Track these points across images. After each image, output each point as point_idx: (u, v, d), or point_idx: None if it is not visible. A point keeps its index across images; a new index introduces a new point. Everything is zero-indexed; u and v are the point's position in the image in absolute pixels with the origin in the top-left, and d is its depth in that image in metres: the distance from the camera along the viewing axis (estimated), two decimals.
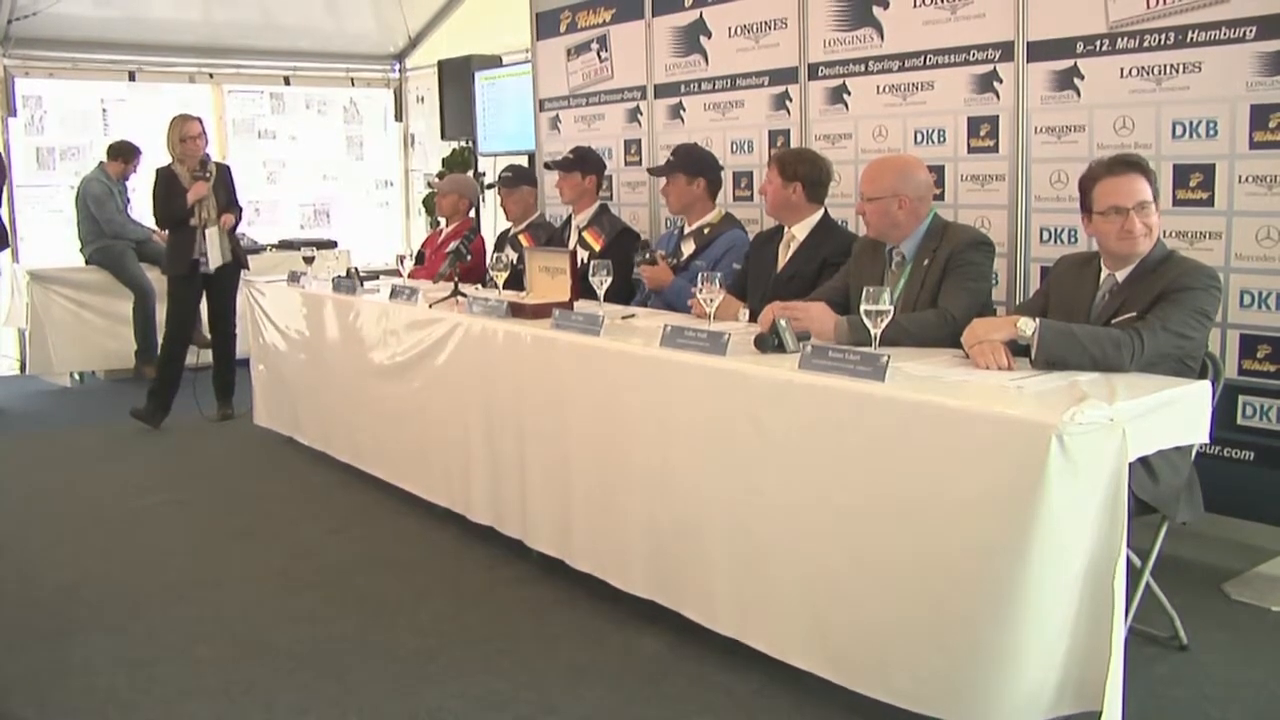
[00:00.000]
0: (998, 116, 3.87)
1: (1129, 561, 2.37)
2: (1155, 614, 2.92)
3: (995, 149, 3.89)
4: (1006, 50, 3.80)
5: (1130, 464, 2.17)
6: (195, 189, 5.61)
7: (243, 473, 5.04)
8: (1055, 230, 3.73)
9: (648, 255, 4.35)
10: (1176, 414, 2.47)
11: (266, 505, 4.52)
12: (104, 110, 8.24)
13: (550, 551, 3.49)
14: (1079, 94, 3.62)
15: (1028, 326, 2.62)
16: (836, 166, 4.09)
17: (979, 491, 2.23)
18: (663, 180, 4.49)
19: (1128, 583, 2.24)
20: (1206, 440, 2.61)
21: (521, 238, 5.29)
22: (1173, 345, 2.66)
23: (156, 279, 6.80)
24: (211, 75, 8.51)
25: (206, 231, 5.66)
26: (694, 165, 4.39)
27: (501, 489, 3.70)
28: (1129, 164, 2.80)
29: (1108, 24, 3.52)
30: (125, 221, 7.12)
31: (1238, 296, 3.32)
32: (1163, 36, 3.40)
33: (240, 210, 5.96)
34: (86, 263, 7.12)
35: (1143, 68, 3.45)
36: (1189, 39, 3.34)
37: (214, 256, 5.71)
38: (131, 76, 8.10)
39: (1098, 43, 3.55)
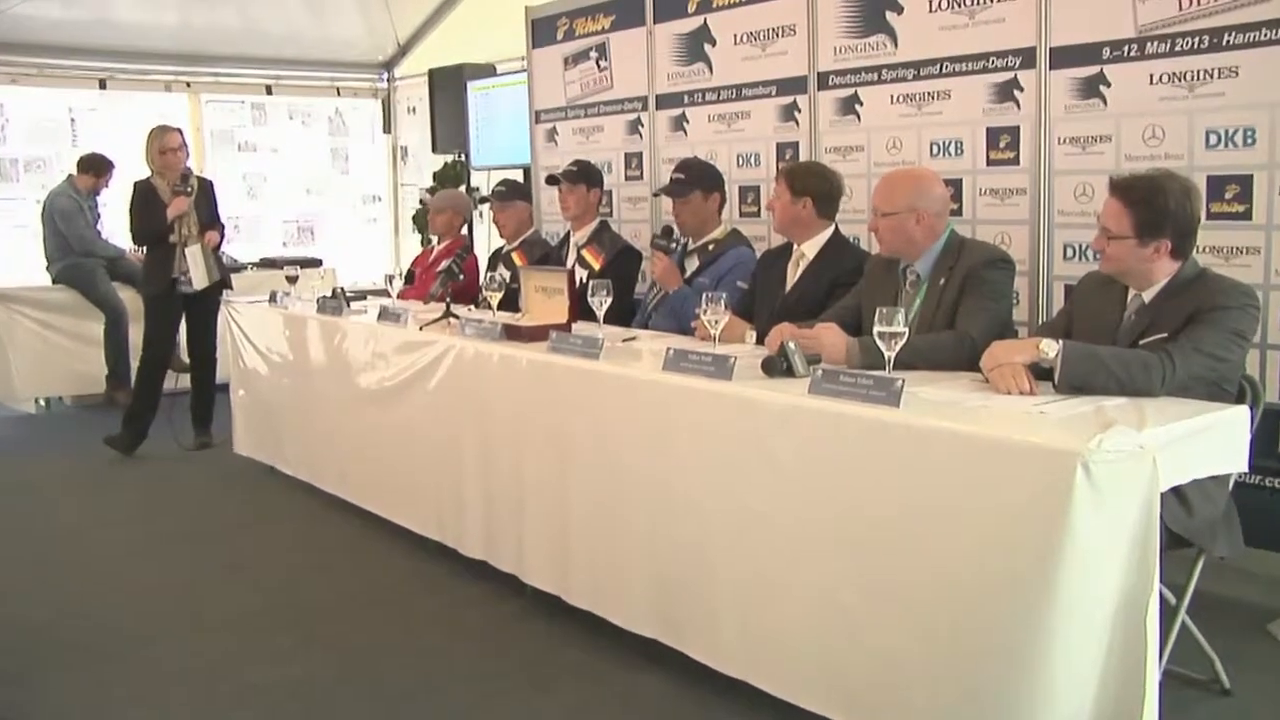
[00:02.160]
0: (1018, 127, 3.89)
1: (1163, 599, 2.36)
2: (1193, 655, 2.90)
3: (1016, 161, 3.91)
4: (1028, 57, 3.82)
5: (1162, 494, 2.17)
6: (175, 204, 5.63)
7: (221, 504, 5.04)
8: (1079, 247, 3.74)
9: (672, 245, 4.36)
10: (1212, 441, 2.48)
11: (246, 538, 4.52)
12: (72, 120, 8.27)
13: (547, 588, 3.49)
14: (1105, 102, 3.64)
15: (1050, 348, 2.63)
16: (848, 181, 4.12)
17: (1000, 525, 2.23)
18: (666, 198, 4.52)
19: (1162, 621, 2.23)
20: (1245, 469, 2.61)
21: (514, 255, 5.31)
22: (1206, 368, 2.67)
23: (129, 299, 6.82)
24: (189, 84, 8.56)
25: (188, 250, 5.68)
26: (710, 181, 4.43)
27: (495, 521, 3.70)
28: (1113, 185, 2.85)
29: (1136, 27, 3.54)
30: (95, 238, 7.13)
31: (1278, 316, 3.32)
32: (1196, 40, 3.41)
33: (223, 227, 5.98)
34: (54, 281, 7.12)
35: (1174, 73, 3.47)
36: (1225, 42, 3.35)
37: (198, 276, 5.71)
38: (102, 84, 8.14)
39: (1125, 47, 3.57)
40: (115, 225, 6.92)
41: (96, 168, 7.20)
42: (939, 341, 3.12)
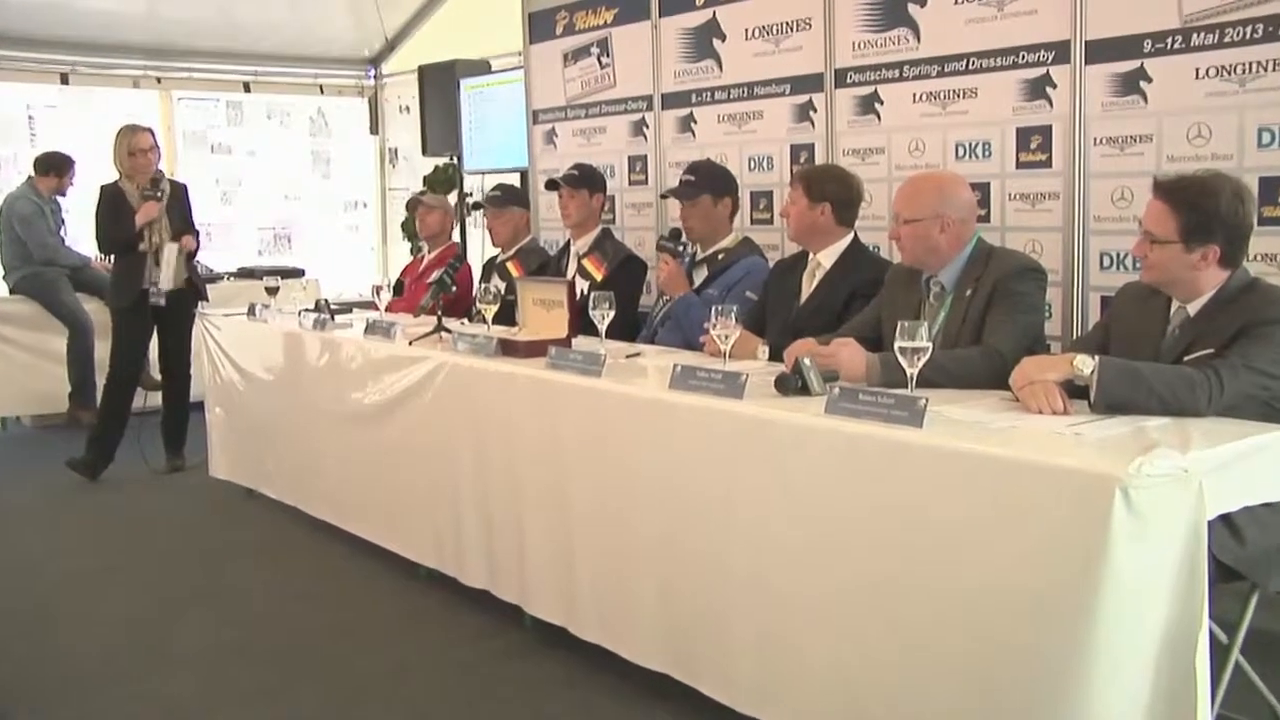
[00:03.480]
0: (1051, 127, 3.90)
1: (1214, 637, 2.34)
2: (1250, 699, 2.83)
3: (1048, 163, 3.92)
4: (1061, 51, 3.84)
5: (1210, 523, 2.17)
6: (145, 210, 5.63)
7: (195, 530, 5.05)
8: (1117, 255, 3.75)
9: (679, 247, 4.38)
10: (1265, 465, 2.46)
11: (222, 567, 4.52)
12: (30, 118, 8.24)
13: (551, 618, 3.49)
14: (1145, 99, 3.65)
15: (1086, 365, 2.63)
16: (867, 185, 4.13)
17: (1032, 555, 2.23)
18: (674, 202, 4.53)
19: (1213, 661, 2.21)
20: None
21: (510, 265, 5.32)
22: (1258, 386, 2.66)
23: (95, 311, 6.82)
24: (159, 80, 8.57)
25: (165, 248, 5.66)
26: (720, 184, 4.45)
27: (496, 548, 3.71)
28: (1158, 185, 2.84)
29: (1181, 17, 3.54)
30: (58, 245, 7.12)
31: None
32: (1248, 29, 3.40)
33: (197, 234, 5.97)
34: (11, 292, 7.13)
35: (1222, 67, 3.47)
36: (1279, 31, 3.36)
37: (166, 276, 5.65)
38: (64, 79, 8.10)
39: (1169, 40, 3.57)
40: (80, 231, 6.92)
41: (57, 168, 7.16)
42: (965, 357, 3.12)
